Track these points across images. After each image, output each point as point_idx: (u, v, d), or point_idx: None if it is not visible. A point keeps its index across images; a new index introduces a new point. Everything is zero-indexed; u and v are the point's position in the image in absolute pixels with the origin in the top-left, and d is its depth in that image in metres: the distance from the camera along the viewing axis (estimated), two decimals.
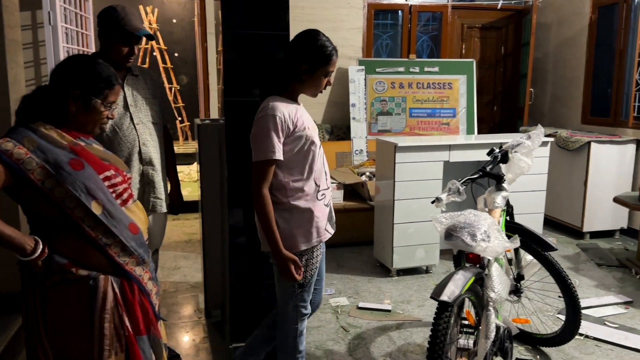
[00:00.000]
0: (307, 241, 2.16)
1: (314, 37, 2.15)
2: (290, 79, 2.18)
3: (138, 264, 1.75)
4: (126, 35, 2.48)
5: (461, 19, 6.36)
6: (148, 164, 2.63)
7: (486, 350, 2.14)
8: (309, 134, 2.15)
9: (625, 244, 4.97)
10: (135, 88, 2.62)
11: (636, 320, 3.38)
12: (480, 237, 2.10)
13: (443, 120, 5.89)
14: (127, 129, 2.55)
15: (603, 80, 5.67)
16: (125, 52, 2.51)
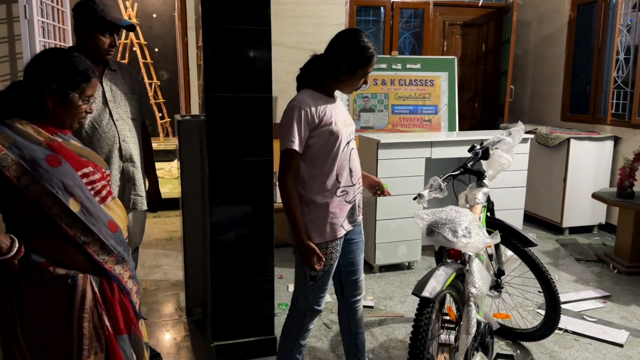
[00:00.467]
0: (320, 236, 2.19)
1: (357, 37, 2.15)
2: (327, 76, 2.20)
3: (117, 262, 1.72)
4: (107, 26, 2.42)
5: (443, 16, 6.38)
6: (128, 160, 2.59)
7: (467, 346, 2.15)
8: (334, 129, 2.16)
9: (603, 239, 5.05)
10: (114, 83, 2.57)
11: (613, 314, 3.43)
12: (461, 233, 2.11)
13: (425, 117, 5.90)
14: (107, 125, 2.50)
15: (582, 78, 5.74)
16: (106, 44, 2.45)
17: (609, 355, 2.92)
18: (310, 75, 2.24)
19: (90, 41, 2.43)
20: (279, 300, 3.56)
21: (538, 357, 2.90)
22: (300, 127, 2.10)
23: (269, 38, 2.61)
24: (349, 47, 2.14)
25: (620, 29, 5.13)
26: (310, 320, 2.34)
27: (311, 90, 2.20)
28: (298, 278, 2.31)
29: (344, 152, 2.21)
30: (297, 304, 2.33)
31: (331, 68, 2.17)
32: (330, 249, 2.23)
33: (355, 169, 2.29)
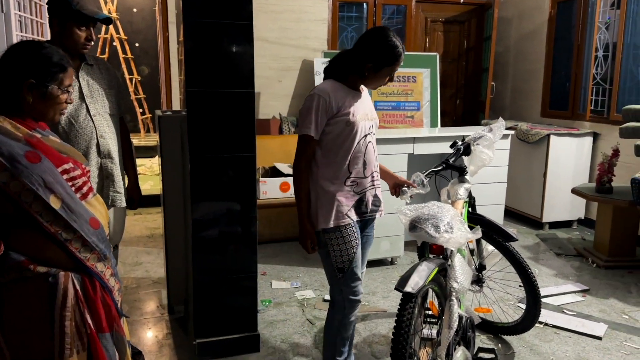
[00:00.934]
0: (324, 221, 2.24)
1: (385, 36, 2.18)
2: (352, 71, 2.24)
3: (99, 259, 1.70)
4: (83, 19, 2.38)
5: (425, 12, 6.41)
6: (106, 156, 2.55)
7: (449, 340, 2.17)
8: (351, 120, 2.20)
9: (583, 234, 5.12)
10: (91, 78, 2.53)
11: (592, 307, 3.49)
12: (443, 229, 2.13)
13: (407, 114, 5.93)
14: (84, 120, 2.45)
15: (562, 75, 5.81)
16: (82, 37, 2.41)
17: (587, 348, 2.96)
18: (336, 69, 2.28)
19: (66, 35, 2.38)
20: (262, 296, 3.55)
21: (519, 350, 2.93)
22: (317, 115, 2.17)
23: (251, 33, 2.59)
24: (376, 46, 2.17)
25: (599, 26, 5.20)
26: (351, 311, 2.37)
27: (334, 81, 2.26)
28: (328, 273, 2.37)
29: (359, 143, 2.25)
30: (335, 299, 2.37)
31: (356, 65, 2.22)
32: (348, 238, 2.26)
33: (370, 162, 2.32)
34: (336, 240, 2.25)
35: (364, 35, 2.23)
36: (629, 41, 5.04)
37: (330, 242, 2.26)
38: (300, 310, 3.39)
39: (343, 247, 2.26)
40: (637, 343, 3.02)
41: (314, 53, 5.88)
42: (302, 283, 3.83)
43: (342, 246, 2.26)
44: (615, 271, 4.12)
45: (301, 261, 4.27)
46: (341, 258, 2.26)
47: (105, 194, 2.57)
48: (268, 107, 5.91)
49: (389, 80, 2.28)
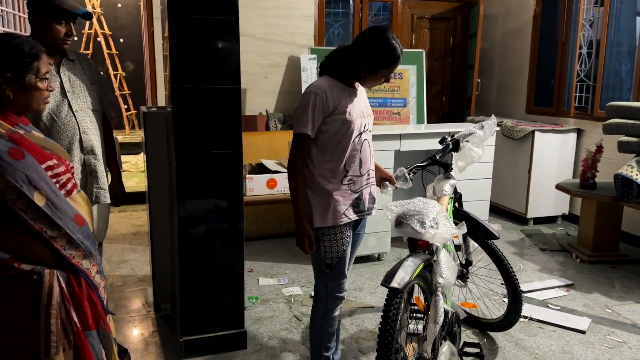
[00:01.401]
0: (321, 220, 2.23)
1: (384, 37, 2.13)
2: (348, 70, 2.21)
3: (85, 257, 1.68)
4: (62, 14, 2.35)
5: (411, 9, 6.42)
6: (90, 152, 2.53)
7: (435, 335, 2.18)
8: (347, 119, 2.18)
9: (567, 229, 5.18)
10: (73, 73, 2.50)
11: (576, 302, 3.53)
12: (429, 225, 2.14)
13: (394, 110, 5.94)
14: (66, 116, 2.43)
15: (546, 71, 5.87)
16: (62, 33, 2.38)
17: (571, 342, 3.00)
18: (333, 65, 2.25)
19: (45, 30, 2.35)
20: (249, 293, 3.55)
21: (504, 345, 2.96)
22: (314, 113, 2.14)
23: (236, 28, 2.57)
24: (374, 47, 2.13)
25: (583, 23, 5.25)
26: (334, 307, 2.37)
27: (330, 78, 2.22)
28: (315, 267, 2.36)
29: (355, 142, 2.23)
30: (319, 293, 2.37)
31: (353, 64, 2.18)
32: (340, 235, 2.26)
33: (366, 160, 2.32)
34: (329, 237, 2.25)
35: (363, 34, 2.19)
36: (613, 38, 5.10)
37: (323, 239, 2.26)
38: (287, 307, 3.39)
39: (334, 244, 2.26)
40: (620, 337, 3.07)
41: (301, 49, 5.86)
42: (289, 280, 3.82)
43: (334, 243, 2.26)
44: (598, 266, 4.17)
45: (288, 258, 4.27)
46: (331, 255, 2.27)
47: (89, 191, 2.55)
48: (255, 104, 5.88)
49: (385, 81, 2.26)
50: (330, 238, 2.26)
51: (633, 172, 3.82)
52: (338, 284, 2.33)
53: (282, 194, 4.70)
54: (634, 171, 3.82)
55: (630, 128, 4.00)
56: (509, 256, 4.35)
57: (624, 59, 5.15)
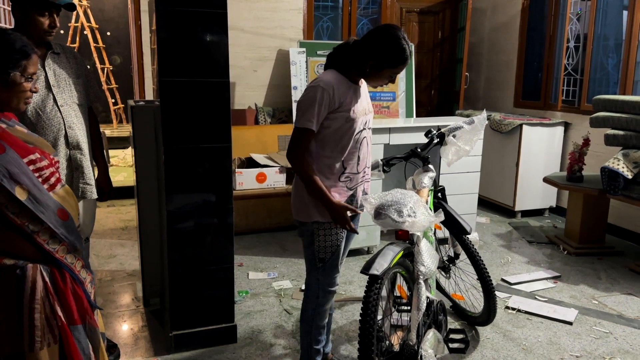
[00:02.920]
0: (321, 215, 2.22)
1: (395, 37, 2.09)
2: (354, 65, 2.18)
3: (69, 251, 1.68)
4: (44, 5, 2.29)
5: (400, 2, 6.41)
6: (75, 147, 2.49)
7: (418, 321, 2.22)
8: (351, 116, 2.17)
9: (554, 221, 5.23)
10: (58, 66, 2.45)
11: (563, 293, 3.57)
12: (406, 213, 2.15)
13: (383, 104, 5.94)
14: (51, 111, 2.39)
15: (534, 65, 5.90)
16: (45, 24, 2.32)
17: (559, 333, 3.04)
18: (340, 59, 2.21)
19: (28, 22, 2.29)
20: (239, 287, 3.54)
21: (492, 336, 2.99)
22: (320, 108, 2.10)
23: (225, 21, 2.55)
24: (383, 44, 2.09)
25: (570, 17, 5.29)
26: (325, 301, 2.37)
27: (337, 73, 2.19)
28: (307, 261, 2.35)
29: (355, 139, 2.23)
30: (310, 287, 2.37)
31: (359, 60, 2.15)
32: (335, 230, 2.27)
33: (364, 158, 2.32)
34: (324, 232, 2.25)
35: (373, 30, 2.15)
36: (599, 32, 5.14)
37: (318, 233, 2.26)
38: (277, 301, 3.39)
39: (329, 239, 2.26)
40: (606, 327, 3.11)
41: (290, 43, 5.84)
42: (279, 273, 3.83)
43: (329, 238, 2.26)
44: (585, 258, 4.22)
45: (278, 252, 4.27)
46: (324, 249, 2.27)
47: (75, 186, 2.52)
48: (244, 97, 5.86)
49: (390, 82, 2.23)
50: (326, 233, 2.26)
51: (619, 164, 3.86)
52: (330, 278, 2.34)
53: (271, 188, 4.69)
54: (621, 164, 3.86)
55: (616, 121, 4.04)
56: (497, 249, 4.39)
57: (611, 52, 5.19)
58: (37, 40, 2.31)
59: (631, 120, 3.91)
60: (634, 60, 4.61)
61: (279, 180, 4.73)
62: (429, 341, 2.26)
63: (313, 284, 2.36)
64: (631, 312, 3.32)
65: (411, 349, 2.21)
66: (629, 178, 3.82)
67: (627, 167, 3.84)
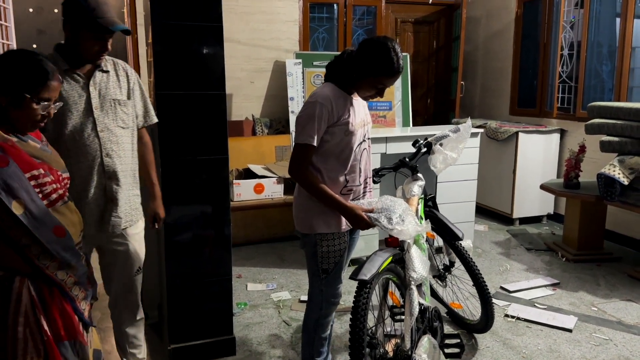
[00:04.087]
0: (326, 226, 2.24)
1: (385, 47, 2.10)
2: (345, 75, 2.21)
3: (60, 267, 1.67)
4: (98, 29, 2.07)
5: (395, 13, 6.46)
6: (111, 178, 2.24)
7: (411, 326, 2.23)
8: (350, 129, 2.19)
9: (552, 228, 5.24)
10: (105, 87, 2.22)
11: (563, 300, 3.57)
12: (395, 221, 2.17)
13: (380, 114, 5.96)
14: (89, 137, 2.16)
15: (529, 73, 5.93)
16: (95, 49, 2.11)
17: (558, 341, 3.03)
18: (336, 71, 2.24)
19: (78, 43, 2.11)
20: (238, 299, 3.53)
21: (492, 345, 2.98)
22: (320, 123, 2.12)
23: (220, 34, 2.57)
24: (370, 55, 2.12)
25: (564, 25, 5.33)
26: (328, 313, 2.37)
27: (334, 86, 2.21)
28: (311, 272, 2.35)
29: (356, 152, 2.25)
30: (313, 297, 2.37)
31: (349, 71, 2.18)
32: (338, 241, 2.28)
33: (364, 169, 2.34)
34: (327, 242, 2.26)
35: (365, 41, 2.16)
36: (593, 39, 5.18)
37: (321, 244, 2.26)
38: (276, 312, 3.38)
39: (332, 250, 2.27)
40: (606, 334, 3.10)
41: (286, 54, 5.87)
42: (278, 284, 3.82)
43: (332, 249, 2.27)
44: (584, 264, 4.22)
45: (277, 263, 4.27)
46: (327, 260, 2.27)
47: (107, 219, 2.28)
48: (241, 109, 5.87)
49: (377, 94, 2.22)
50: (329, 244, 2.26)
51: (615, 171, 3.88)
52: (334, 289, 2.34)
53: (269, 198, 4.69)
54: (617, 170, 3.88)
55: (611, 128, 4.06)
56: (495, 256, 4.39)
57: (605, 59, 5.23)
58: (84, 61, 2.16)
59: (626, 127, 3.93)
60: (628, 67, 4.64)
61: (276, 190, 4.73)
62: (424, 347, 2.27)
63: (316, 295, 2.35)
64: (630, 318, 3.31)
65: (404, 354, 2.22)
66: (625, 184, 3.83)
67: (623, 173, 3.85)
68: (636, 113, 3.84)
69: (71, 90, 2.14)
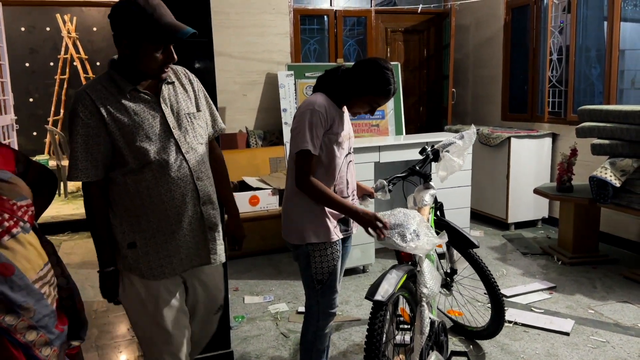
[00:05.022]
0: (315, 236, 2.24)
1: (382, 67, 2.19)
2: (341, 89, 2.25)
3: (8, 311, 1.46)
4: (163, 36, 1.74)
5: (384, 23, 6.52)
6: (206, 203, 1.97)
7: (422, 345, 2.19)
8: (339, 140, 2.23)
9: (547, 232, 5.26)
10: (175, 101, 1.92)
11: (559, 304, 3.58)
12: (409, 237, 2.14)
13: (372, 122, 5.99)
14: (175, 161, 1.85)
15: (519, 78, 5.98)
16: (160, 60, 1.78)
17: (556, 344, 3.04)
18: (328, 83, 2.28)
19: (139, 58, 1.77)
20: (235, 312, 3.53)
21: (490, 350, 2.99)
22: (316, 129, 2.14)
23: (211, 49, 2.59)
24: (368, 73, 2.18)
25: (552, 30, 5.38)
26: (325, 324, 2.36)
27: (325, 96, 2.24)
28: (305, 284, 2.35)
29: (343, 163, 2.27)
30: (310, 309, 2.36)
31: (345, 86, 2.23)
32: (331, 250, 2.27)
33: (351, 181, 2.37)
34: (319, 252, 2.26)
35: (363, 60, 2.24)
36: (581, 43, 5.24)
37: (314, 254, 2.26)
38: (274, 324, 3.38)
39: (325, 260, 2.27)
40: (603, 336, 3.11)
41: (278, 66, 5.91)
42: (275, 296, 3.82)
43: (324, 258, 2.26)
44: (580, 267, 4.23)
45: (273, 275, 4.26)
46: (321, 270, 2.27)
47: (211, 249, 2.02)
48: (234, 121, 5.90)
49: (369, 111, 2.28)
50: (321, 254, 2.26)
51: (607, 173, 3.90)
52: (330, 300, 2.33)
53: (264, 210, 4.70)
54: (608, 172, 3.91)
55: (602, 131, 4.09)
56: (491, 262, 4.40)
57: (594, 63, 5.28)
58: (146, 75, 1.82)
59: (616, 129, 3.96)
60: (616, 70, 4.69)
61: (272, 202, 4.74)
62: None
63: (313, 307, 2.35)
64: (627, 320, 3.32)
65: None
66: (617, 186, 3.86)
67: (615, 176, 3.88)
68: (626, 115, 3.88)
69: (143, 112, 1.82)
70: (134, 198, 1.85)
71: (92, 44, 9.04)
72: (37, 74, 8.85)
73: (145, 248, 1.89)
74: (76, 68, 8.48)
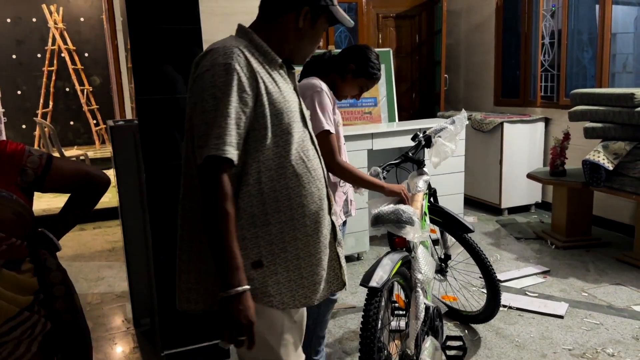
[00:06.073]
0: None
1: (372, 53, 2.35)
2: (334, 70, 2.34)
3: None
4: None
5: (376, 8, 6.46)
6: (333, 212, 1.64)
7: (417, 331, 2.19)
8: (338, 120, 2.29)
9: (541, 217, 5.27)
10: (300, 93, 1.73)
11: (553, 287, 3.59)
12: (404, 222, 2.15)
13: (365, 110, 5.96)
14: (314, 156, 1.55)
15: (512, 63, 5.97)
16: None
17: (550, 327, 3.05)
18: (317, 67, 2.34)
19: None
20: None
21: (485, 335, 2.99)
22: (328, 108, 2.18)
23: (199, 37, 2.55)
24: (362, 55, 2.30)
25: (544, 14, 5.36)
26: (326, 311, 2.37)
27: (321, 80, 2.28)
28: None
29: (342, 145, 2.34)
30: None
31: (340, 64, 2.32)
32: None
33: None
34: None
35: (352, 46, 2.37)
36: (573, 27, 5.22)
37: None
38: None
39: None
40: (597, 318, 3.13)
41: None
42: None
43: None
44: (573, 251, 4.25)
45: None
46: None
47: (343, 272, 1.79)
48: None
49: (356, 95, 2.38)
50: None
51: (600, 157, 3.91)
52: None
53: None
54: (601, 156, 3.91)
55: (594, 114, 4.09)
56: (485, 247, 4.41)
57: (586, 47, 5.28)
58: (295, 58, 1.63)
59: (608, 113, 3.96)
60: (608, 53, 4.68)
61: None
62: (427, 350, 2.25)
63: None
64: (620, 302, 3.34)
65: (410, 359, 2.20)
66: (610, 169, 3.86)
67: (608, 159, 3.88)
68: (617, 98, 3.87)
69: (288, 93, 1.51)
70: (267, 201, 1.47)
71: (80, 35, 8.94)
72: (24, 66, 8.74)
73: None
74: (64, 59, 8.38)
